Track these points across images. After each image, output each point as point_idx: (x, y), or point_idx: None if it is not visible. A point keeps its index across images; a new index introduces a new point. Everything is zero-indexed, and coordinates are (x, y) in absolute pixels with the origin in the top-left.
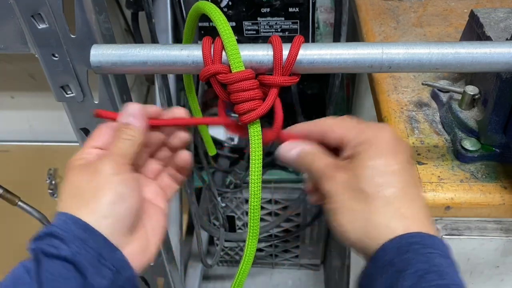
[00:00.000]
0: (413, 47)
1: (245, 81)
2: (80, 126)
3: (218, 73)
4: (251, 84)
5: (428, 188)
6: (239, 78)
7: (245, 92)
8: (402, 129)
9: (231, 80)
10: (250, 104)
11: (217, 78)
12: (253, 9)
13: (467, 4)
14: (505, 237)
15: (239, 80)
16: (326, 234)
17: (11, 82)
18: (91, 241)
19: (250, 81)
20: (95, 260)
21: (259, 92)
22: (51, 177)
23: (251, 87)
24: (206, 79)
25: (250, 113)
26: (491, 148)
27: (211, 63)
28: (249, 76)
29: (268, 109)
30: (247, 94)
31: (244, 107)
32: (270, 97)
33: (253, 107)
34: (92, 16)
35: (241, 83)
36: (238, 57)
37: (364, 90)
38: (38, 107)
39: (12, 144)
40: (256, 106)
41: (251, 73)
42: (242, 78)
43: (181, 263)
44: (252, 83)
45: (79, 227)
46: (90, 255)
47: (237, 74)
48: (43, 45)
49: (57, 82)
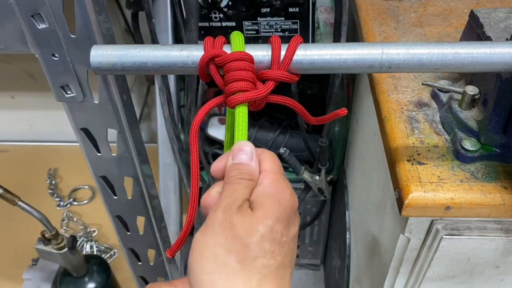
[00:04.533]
0: (413, 47)
1: (241, 61)
2: (80, 126)
3: (216, 56)
4: (246, 65)
5: (428, 188)
6: (236, 57)
7: (239, 71)
8: (402, 129)
9: (227, 59)
10: (241, 83)
11: (215, 61)
12: (253, 9)
13: (467, 4)
14: (505, 237)
15: (235, 59)
16: (326, 234)
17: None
18: None
19: (246, 62)
20: None
21: (253, 76)
22: (51, 177)
23: (246, 67)
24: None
25: (239, 94)
26: (491, 148)
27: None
28: (246, 57)
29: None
30: (240, 73)
31: (234, 86)
32: (265, 86)
33: (244, 88)
34: (92, 16)
35: (236, 62)
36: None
37: (364, 90)
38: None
39: (12, 144)
40: (247, 88)
41: (249, 55)
42: (239, 58)
43: (181, 263)
44: (247, 64)
45: None
46: None
47: (234, 54)
48: (43, 45)
49: (57, 82)
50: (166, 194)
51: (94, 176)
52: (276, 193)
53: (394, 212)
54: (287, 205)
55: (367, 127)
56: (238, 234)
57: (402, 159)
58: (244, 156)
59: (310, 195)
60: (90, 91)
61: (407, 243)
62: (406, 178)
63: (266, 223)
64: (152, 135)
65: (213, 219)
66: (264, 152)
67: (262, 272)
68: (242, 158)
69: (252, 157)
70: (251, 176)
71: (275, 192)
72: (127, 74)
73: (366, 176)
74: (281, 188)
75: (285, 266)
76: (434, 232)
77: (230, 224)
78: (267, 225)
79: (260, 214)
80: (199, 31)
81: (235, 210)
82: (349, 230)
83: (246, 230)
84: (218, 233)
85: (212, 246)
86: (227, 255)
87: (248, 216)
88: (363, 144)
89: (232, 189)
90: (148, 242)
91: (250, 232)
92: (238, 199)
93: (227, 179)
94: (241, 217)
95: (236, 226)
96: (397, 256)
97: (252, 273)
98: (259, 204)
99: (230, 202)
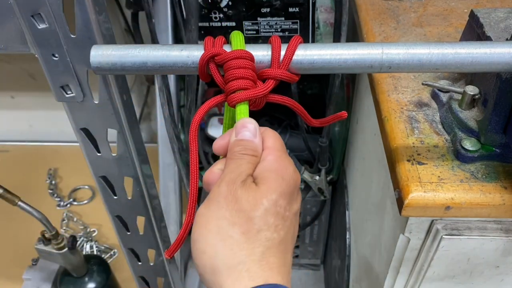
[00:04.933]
0: (413, 47)
1: (241, 59)
2: (80, 126)
3: (216, 55)
4: (246, 63)
5: (428, 188)
6: (236, 56)
7: (239, 70)
8: (402, 129)
9: (228, 57)
10: (242, 82)
11: (215, 60)
12: (253, 9)
13: (467, 4)
14: (505, 237)
15: (235, 57)
16: (326, 234)
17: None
18: None
19: (246, 60)
20: None
21: (254, 75)
22: (51, 177)
23: (246, 65)
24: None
25: (240, 93)
26: (491, 148)
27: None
28: (246, 55)
29: (260, 94)
30: (241, 71)
31: (235, 84)
32: (265, 85)
33: (244, 86)
34: (92, 16)
35: (237, 60)
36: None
37: (364, 90)
38: (38, 107)
39: (12, 144)
40: (248, 86)
41: (249, 54)
42: (239, 56)
43: (181, 263)
44: (248, 62)
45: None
46: None
47: (234, 52)
48: (43, 45)
49: (57, 82)
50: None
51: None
52: (279, 169)
53: (394, 212)
54: (290, 181)
55: (367, 127)
56: (243, 208)
57: (402, 159)
58: (247, 132)
59: (310, 195)
60: (90, 91)
61: (407, 243)
62: (406, 178)
63: (270, 197)
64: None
65: (217, 193)
66: (267, 130)
67: (266, 244)
68: (245, 135)
69: (255, 134)
70: (255, 152)
71: (279, 168)
72: (127, 74)
73: (366, 176)
74: (285, 164)
75: (287, 240)
76: (434, 232)
77: (234, 198)
78: (271, 199)
79: (264, 189)
80: (199, 31)
81: (240, 184)
82: (349, 230)
83: (251, 203)
84: (222, 206)
85: (216, 218)
86: (231, 227)
87: (253, 190)
88: (363, 144)
89: (236, 164)
90: (148, 242)
91: (254, 205)
92: (242, 173)
93: (231, 154)
94: (246, 191)
95: (241, 200)
96: (397, 256)
97: (255, 245)
98: (263, 179)
99: (234, 176)
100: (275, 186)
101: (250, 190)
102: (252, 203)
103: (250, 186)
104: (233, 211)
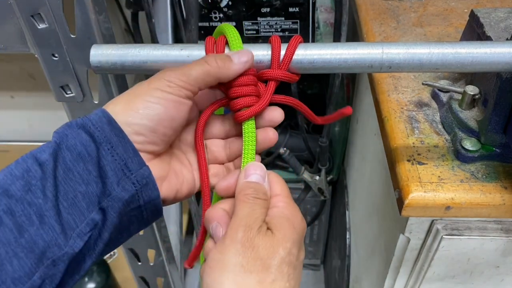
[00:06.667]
0: (413, 47)
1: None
2: None
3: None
4: (249, 80)
5: (428, 188)
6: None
7: (242, 88)
8: (402, 129)
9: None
10: (247, 100)
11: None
12: (253, 9)
13: (467, 4)
14: (505, 237)
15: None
16: (326, 234)
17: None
18: (120, 148)
19: (249, 77)
20: (119, 169)
21: (257, 90)
22: None
23: (249, 82)
24: None
25: (245, 110)
26: (491, 148)
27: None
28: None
29: (265, 106)
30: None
31: (239, 103)
32: (266, 94)
33: (249, 104)
34: (92, 16)
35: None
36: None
37: (364, 90)
38: (38, 107)
39: (12, 144)
40: (252, 103)
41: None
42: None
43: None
44: (251, 78)
45: (112, 129)
46: (116, 163)
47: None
48: (43, 45)
49: (57, 82)
50: None
51: None
52: (291, 217)
53: (394, 212)
54: (299, 229)
55: (367, 127)
56: (260, 256)
57: (402, 159)
58: (257, 176)
59: (310, 195)
60: (90, 91)
61: (407, 243)
62: (406, 178)
63: (285, 246)
64: None
65: (234, 239)
66: (271, 174)
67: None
68: (255, 178)
69: (264, 178)
70: (266, 196)
71: (290, 215)
72: (127, 74)
73: (366, 176)
74: (295, 212)
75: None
76: (434, 232)
77: (251, 245)
78: (286, 247)
79: (281, 237)
80: (199, 31)
81: (256, 231)
82: (349, 230)
83: (268, 252)
84: (239, 253)
85: (233, 265)
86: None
87: (270, 238)
88: (363, 144)
89: (250, 208)
90: (148, 242)
91: (272, 254)
92: (258, 219)
93: (242, 196)
94: (262, 239)
95: (258, 248)
96: (397, 256)
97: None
98: (278, 226)
99: (250, 222)
100: (289, 234)
101: (267, 237)
102: (270, 251)
103: (267, 234)
104: (250, 259)
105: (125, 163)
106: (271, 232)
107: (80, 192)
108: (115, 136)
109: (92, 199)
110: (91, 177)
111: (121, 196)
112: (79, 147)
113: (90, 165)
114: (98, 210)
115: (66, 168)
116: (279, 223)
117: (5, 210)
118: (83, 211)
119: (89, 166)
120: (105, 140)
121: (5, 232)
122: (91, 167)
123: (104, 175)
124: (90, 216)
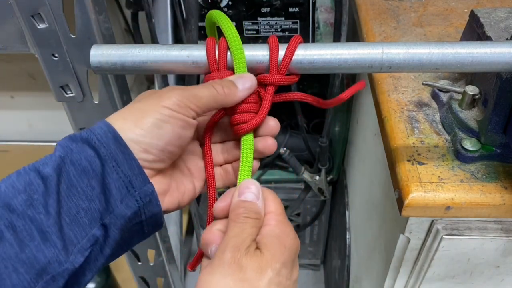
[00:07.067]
0: (413, 47)
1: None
2: (80, 126)
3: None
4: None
5: (428, 188)
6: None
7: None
8: (402, 129)
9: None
10: (247, 116)
11: None
12: (253, 9)
13: (467, 4)
14: (506, 237)
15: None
16: (326, 234)
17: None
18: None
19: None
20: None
21: (256, 106)
22: None
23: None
24: None
25: (244, 125)
26: (491, 148)
27: (216, 70)
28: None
29: (261, 120)
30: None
31: (238, 118)
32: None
33: (248, 119)
34: (92, 16)
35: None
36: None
37: (364, 90)
38: (38, 107)
39: (12, 144)
40: (250, 119)
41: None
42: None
43: (181, 263)
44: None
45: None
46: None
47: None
48: (43, 45)
49: (57, 82)
50: None
51: None
52: (282, 236)
53: (394, 212)
54: (291, 249)
55: (367, 127)
56: (247, 277)
57: (402, 159)
58: (250, 194)
59: (310, 195)
60: (90, 91)
61: (407, 243)
62: (406, 178)
63: (275, 267)
64: None
65: (221, 259)
66: (266, 191)
67: None
68: (249, 196)
69: (258, 196)
70: (258, 215)
71: (281, 235)
72: (127, 74)
73: (366, 176)
74: (287, 231)
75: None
76: (434, 232)
77: (239, 266)
78: (275, 268)
79: (269, 257)
80: (199, 31)
81: (244, 251)
82: (349, 230)
83: (256, 272)
84: (227, 274)
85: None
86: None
87: (258, 258)
88: (363, 144)
89: (240, 228)
90: (148, 242)
91: (259, 275)
92: (246, 239)
93: (234, 216)
94: (250, 259)
95: (246, 269)
96: (397, 256)
97: None
98: (267, 246)
99: (239, 242)
100: (278, 255)
101: (255, 258)
102: (257, 272)
103: (255, 254)
104: (237, 281)
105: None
106: (260, 251)
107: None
108: (121, 153)
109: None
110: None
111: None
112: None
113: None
114: (100, 226)
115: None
116: (269, 242)
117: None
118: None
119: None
120: (111, 157)
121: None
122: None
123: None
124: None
